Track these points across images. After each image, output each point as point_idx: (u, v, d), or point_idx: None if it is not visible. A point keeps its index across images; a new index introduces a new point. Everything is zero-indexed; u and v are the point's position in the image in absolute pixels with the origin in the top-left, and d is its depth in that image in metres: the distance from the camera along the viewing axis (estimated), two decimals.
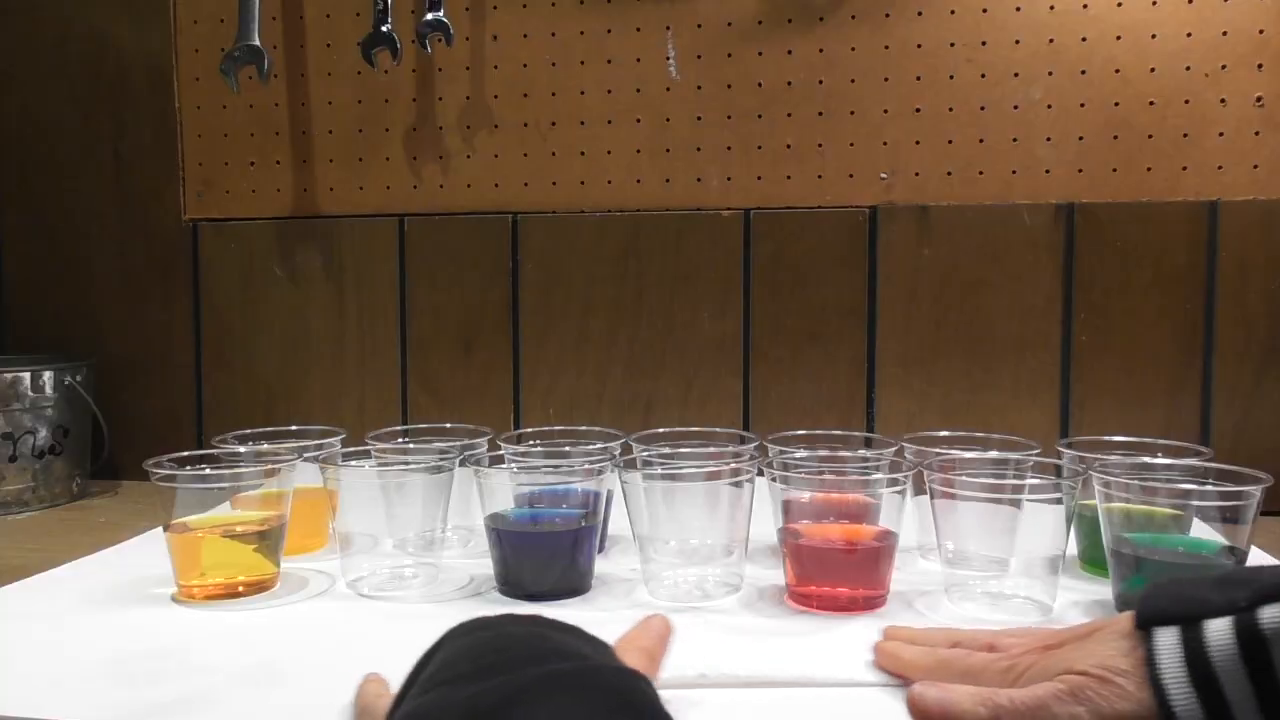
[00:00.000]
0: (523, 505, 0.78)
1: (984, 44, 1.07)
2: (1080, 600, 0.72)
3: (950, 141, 1.08)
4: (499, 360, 1.17)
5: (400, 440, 0.95)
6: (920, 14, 1.07)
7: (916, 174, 1.09)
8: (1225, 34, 1.02)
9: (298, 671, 0.61)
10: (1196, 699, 0.40)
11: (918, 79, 1.08)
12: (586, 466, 0.76)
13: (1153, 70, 1.04)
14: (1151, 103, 1.04)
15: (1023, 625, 0.67)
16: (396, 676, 0.59)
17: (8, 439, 1.05)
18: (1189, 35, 1.03)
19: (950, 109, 1.08)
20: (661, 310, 1.13)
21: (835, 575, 0.71)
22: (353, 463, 0.82)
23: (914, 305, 1.10)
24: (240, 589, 0.75)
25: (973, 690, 0.48)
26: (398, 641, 0.66)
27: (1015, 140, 1.07)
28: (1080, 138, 1.05)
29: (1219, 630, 0.40)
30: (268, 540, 0.77)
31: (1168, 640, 0.41)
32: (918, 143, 1.09)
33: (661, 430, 0.88)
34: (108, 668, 0.62)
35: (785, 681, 0.57)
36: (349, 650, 0.66)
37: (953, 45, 1.07)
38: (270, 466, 0.78)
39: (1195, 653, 0.40)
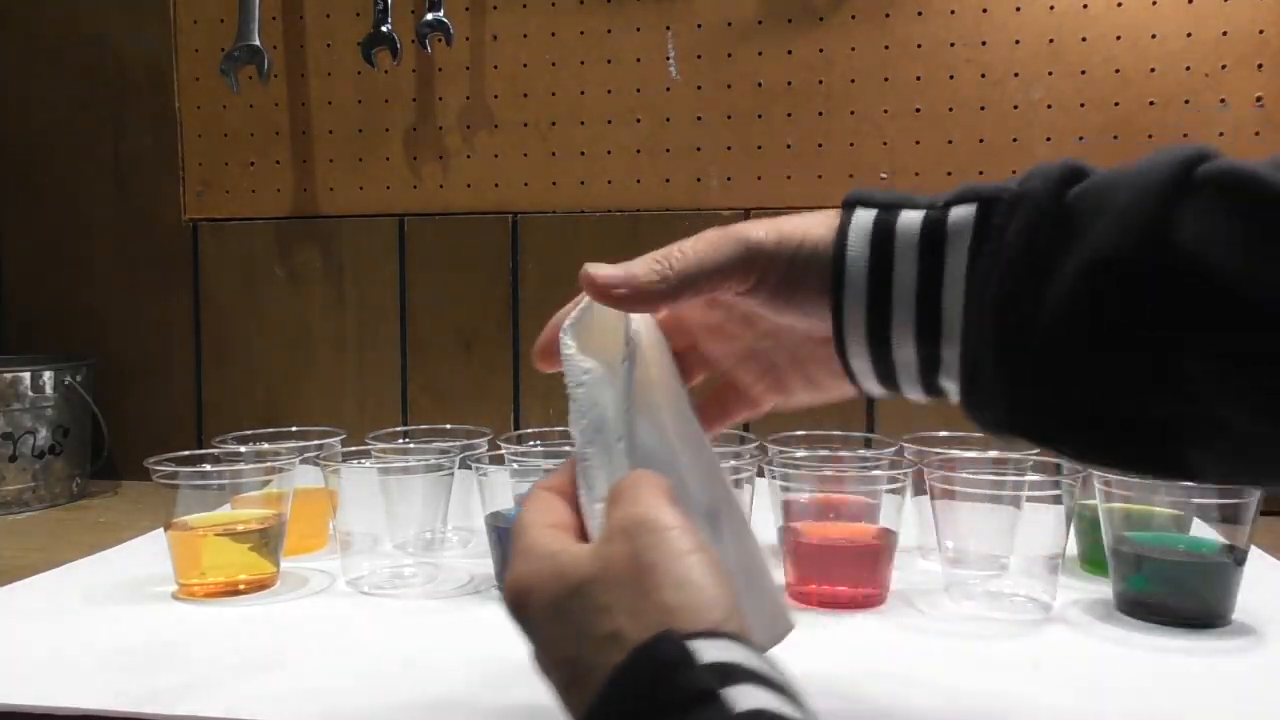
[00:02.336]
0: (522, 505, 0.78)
1: (984, 44, 1.07)
2: (1080, 600, 0.72)
3: (950, 141, 1.08)
4: (499, 360, 1.17)
5: (400, 440, 0.95)
6: (920, 14, 1.07)
7: (916, 174, 1.09)
8: (1225, 34, 1.02)
9: (297, 660, 0.62)
10: (867, 251, 0.43)
11: (918, 79, 1.08)
12: None
13: (1153, 70, 1.04)
14: (1151, 103, 1.04)
15: (1020, 623, 0.68)
16: (396, 670, 0.59)
17: (8, 439, 1.05)
18: (1189, 35, 1.03)
19: (950, 109, 1.08)
20: None
21: (835, 574, 0.71)
22: (353, 462, 0.82)
23: None
24: (240, 588, 0.75)
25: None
26: (397, 632, 0.67)
27: (1015, 140, 1.07)
28: (1080, 138, 1.05)
29: (911, 216, 0.43)
30: (268, 540, 0.77)
31: (865, 215, 0.44)
32: (918, 143, 1.09)
33: None
34: (109, 658, 0.62)
35: None
36: (348, 639, 0.66)
37: (953, 45, 1.07)
38: (270, 466, 0.78)
39: (883, 223, 0.43)
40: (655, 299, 0.47)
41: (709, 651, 0.34)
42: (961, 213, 0.42)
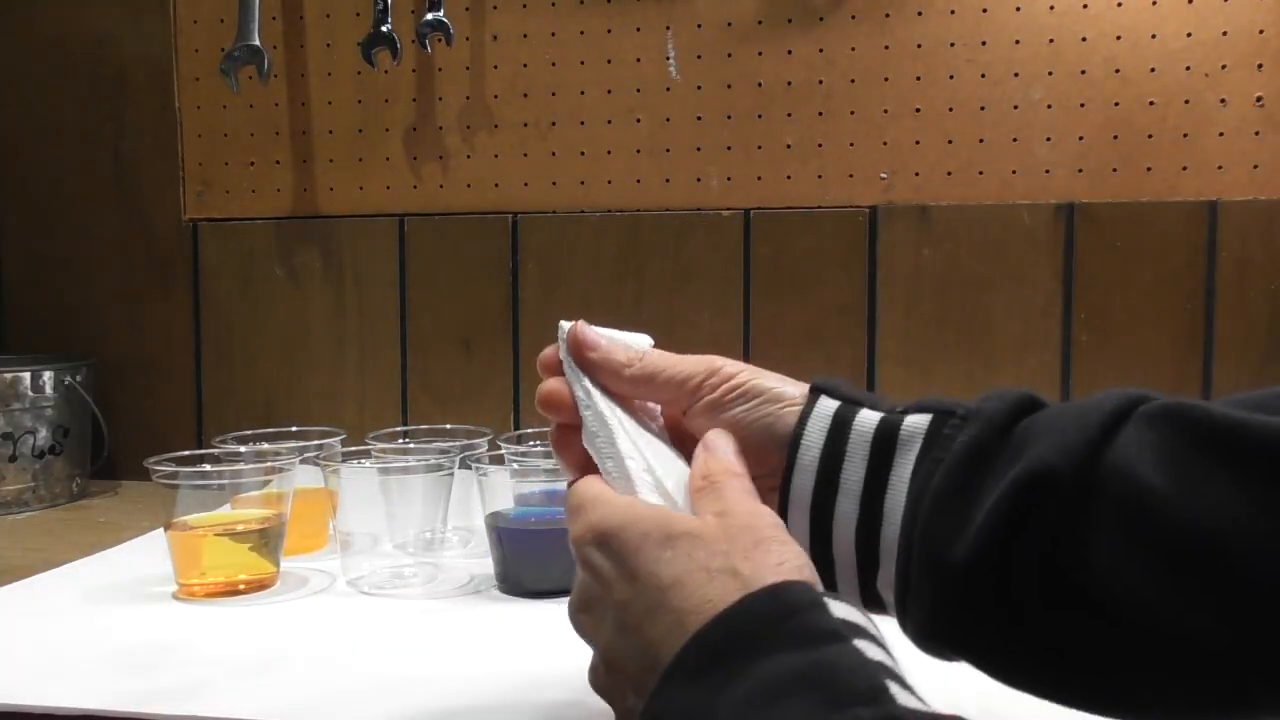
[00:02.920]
0: (523, 505, 0.78)
1: (984, 44, 1.07)
2: None
3: (950, 141, 1.08)
4: (499, 360, 1.17)
5: (400, 440, 0.95)
6: (920, 14, 1.07)
7: (916, 174, 1.09)
8: (1225, 34, 1.02)
9: (297, 660, 0.62)
10: (823, 442, 0.45)
11: (918, 79, 1.08)
12: None
13: (1153, 70, 1.04)
14: (1151, 103, 1.04)
15: None
16: (396, 670, 0.59)
17: (8, 439, 1.05)
18: (1189, 35, 1.03)
19: (950, 109, 1.08)
20: (661, 310, 1.13)
21: None
22: (353, 462, 0.82)
23: (914, 305, 1.10)
24: (241, 588, 0.75)
25: None
26: (397, 632, 0.67)
27: (1015, 140, 1.07)
28: (1080, 138, 1.05)
29: (868, 417, 0.45)
30: (268, 540, 0.77)
31: (827, 403, 0.46)
32: (918, 143, 1.09)
33: None
34: (109, 659, 0.62)
35: None
36: (348, 639, 0.66)
37: (953, 45, 1.07)
38: (270, 466, 0.78)
39: (841, 417, 0.45)
40: (618, 377, 0.49)
41: (838, 608, 0.35)
42: (916, 421, 0.44)
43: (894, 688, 0.31)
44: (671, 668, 0.35)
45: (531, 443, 0.88)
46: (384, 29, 1.10)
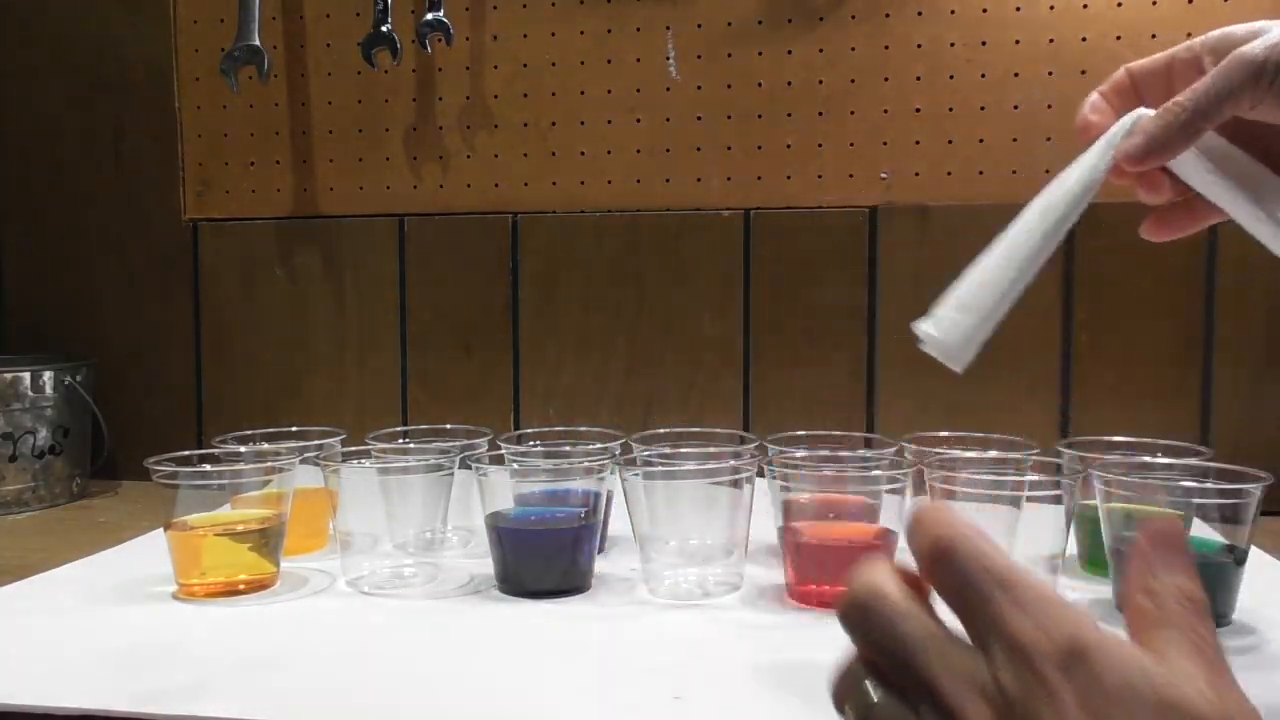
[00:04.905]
0: (522, 505, 0.78)
1: (984, 44, 1.07)
2: (1080, 600, 0.72)
3: (950, 141, 1.08)
4: (499, 360, 1.17)
5: (400, 440, 0.95)
6: (920, 14, 1.07)
7: (916, 174, 1.09)
8: None
9: (297, 660, 0.62)
10: None
11: (918, 79, 1.08)
12: (586, 466, 0.76)
13: None
14: None
15: None
16: (395, 666, 0.59)
17: (8, 439, 1.05)
18: (1189, 35, 1.02)
19: (950, 109, 1.08)
20: (661, 310, 1.13)
21: (835, 574, 0.71)
22: (353, 462, 0.82)
23: (914, 305, 1.09)
24: (240, 588, 0.75)
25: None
26: (397, 632, 0.67)
27: (1015, 140, 1.07)
28: None
29: None
30: (268, 540, 0.77)
31: None
32: (918, 143, 1.09)
33: (661, 430, 0.88)
34: (109, 659, 0.62)
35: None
36: (348, 639, 0.66)
37: (953, 45, 1.07)
38: (270, 466, 0.78)
39: None
40: (1178, 146, 0.53)
41: None
42: None
43: None
44: None
45: (531, 443, 0.88)
46: (384, 29, 1.10)
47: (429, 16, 1.10)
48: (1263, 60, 0.48)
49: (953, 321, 0.56)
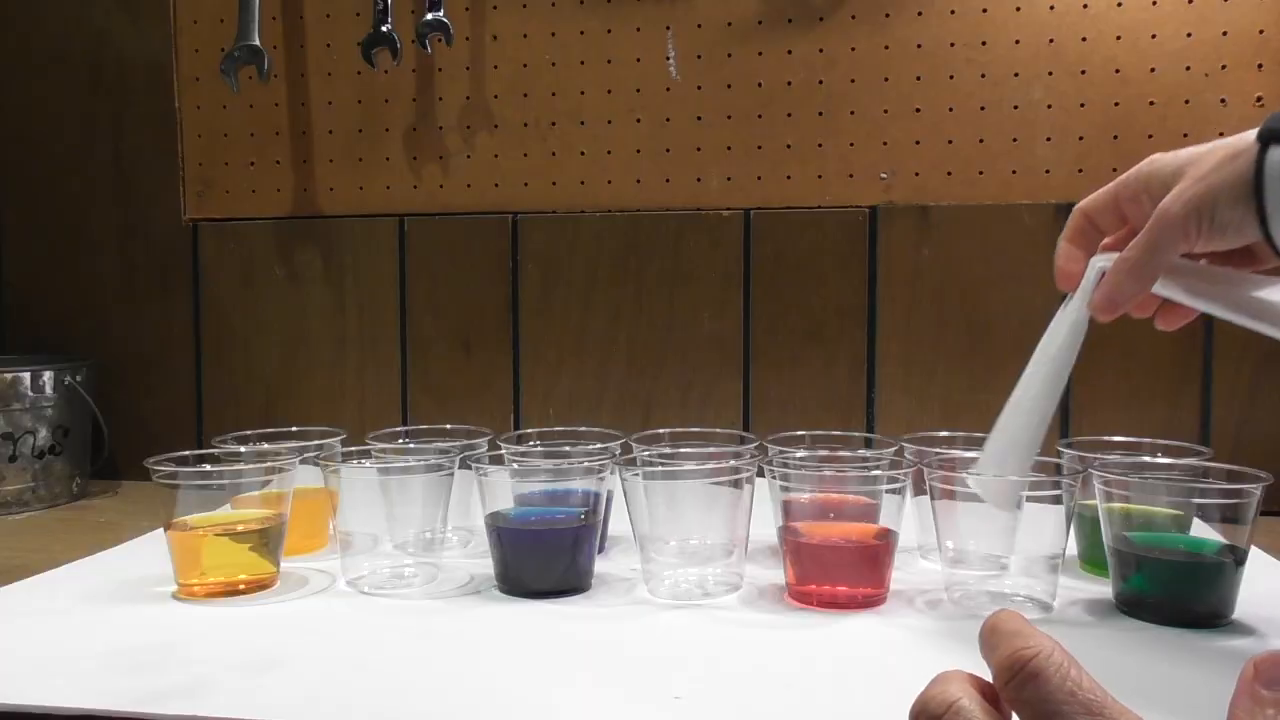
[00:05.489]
0: (522, 505, 0.78)
1: (984, 44, 1.07)
2: (1080, 600, 0.72)
3: (950, 141, 1.08)
4: (499, 360, 1.17)
5: (400, 440, 0.95)
6: (920, 14, 1.07)
7: (916, 174, 1.09)
8: (1225, 34, 1.02)
9: (297, 660, 0.62)
10: None
11: (918, 79, 1.08)
12: (586, 466, 0.76)
13: (1153, 70, 1.04)
14: (1151, 103, 1.04)
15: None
16: (396, 666, 0.59)
17: (8, 439, 1.05)
18: (1189, 35, 1.03)
19: (950, 109, 1.08)
20: (661, 310, 1.13)
21: (835, 574, 0.71)
22: (353, 462, 0.82)
23: (914, 305, 1.10)
24: (240, 588, 0.75)
25: None
26: (397, 632, 0.67)
27: (1015, 140, 1.07)
28: (1080, 138, 1.05)
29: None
30: (268, 540, 0.77)
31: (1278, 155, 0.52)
32: (918, 143, 1.09)
33: (661, 430, 0.88)
34: (109, 659, 0.62)
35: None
36: (348, 639, 0.66)
37: (953, 45, 1.07)
38: (270, 466, 0.78)
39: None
40: (1137, 293, 0.60)
41: None
42: None
43: None
44: None
45: (531, 443, 0.88)
46: (384, 29, 1.10)
47: (429, 16, 1.10)
48: (1183, 219, 0.55)
49: (992, 484, 0.65)
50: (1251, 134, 0.54)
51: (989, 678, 0.36)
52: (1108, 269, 0.60)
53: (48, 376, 1.08)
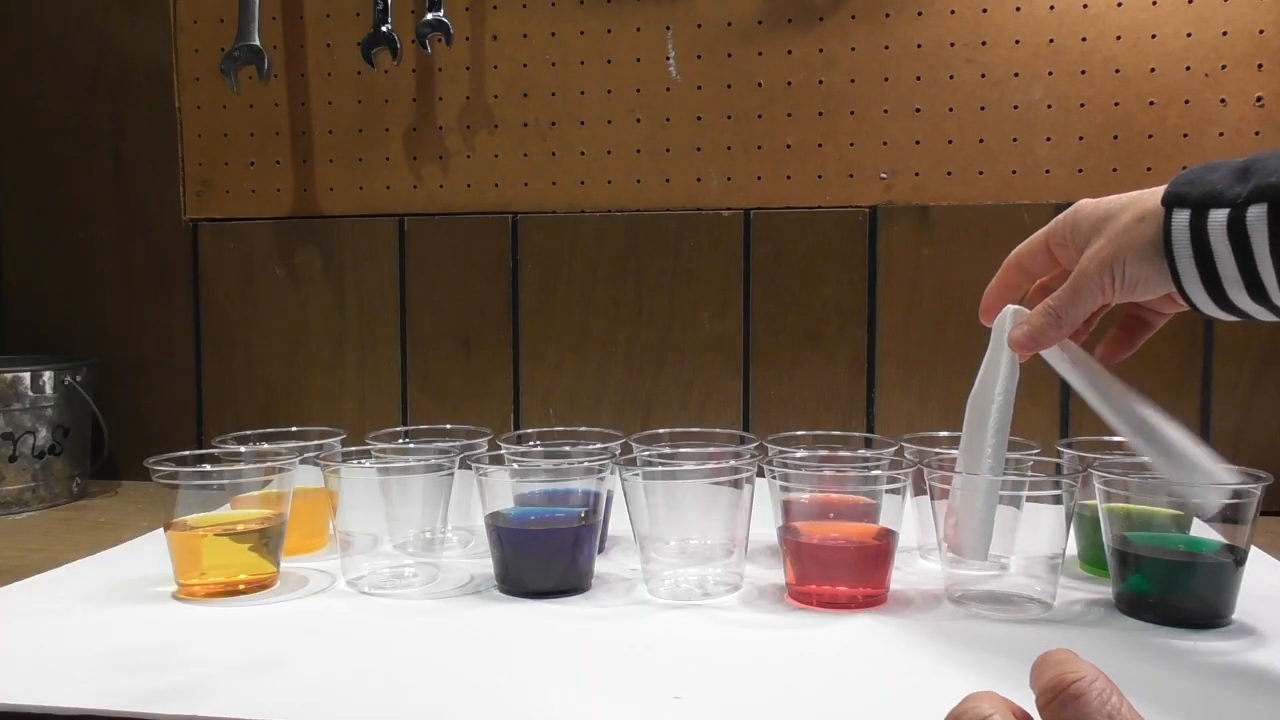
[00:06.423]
0: (522, 505, 0.78)
1: (984, 44, 1.07)
2: (1080, 600, 0.72)
3: (950, 141, 1.08)
4: (499, 360, 1.17)
5: (400, 440, 0.95)
6: (920, 14, 1.07)
7: (916, 174, 1.09)
8: (1225, 34, 1.02)
9: (297, 660, 0.62)
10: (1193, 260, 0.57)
11: (918, 79, 1.08)
12: (586, 466, 0.76)
13: (1153, 70, 1.04)
14: (1151, 103, 1.04)
15: (1022, 623, 0.67)
16: (396, 666, 0.59)
17: (8, 439, 1.05)
18: (1189, 35, 1.03)
19: (950, 109, 1.08)
20: (661, 310, 1.13)
21: (835, 574, 0.71)
22: (353, 462, 0.82)
23: (914, 305, 1.10)
24: (240, 588, 0.75)
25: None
26: (397, 632, 0.67)
27: (1015, 140, 1.07)
28: (1080, 138, 1.05)
29: (1218, 218, 0.55)
30: (268, 540, 0.77)
31: (1180, 219, 0.57)
32: (918, 143, 1.09)
33: (661, 430, 0.88)
34: (109, 659, 0.62)
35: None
36: (348, 639, 0.66)
37: (953, 45, 1.07)
38: (270, 466, 0.78)
39: (1198, 230, 0.57)
40: (1053, 338, 0.66)
41: None
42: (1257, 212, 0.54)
43: None
44: None
45: (531, 443, 0.88)
46: (384, 29, 1.11)
47: (429, 16, 1.10)
48: (1098, 275, 0.61)
49: (964, 537, 0.69)
50: (1158, 195, 0.59)
51: (1007, 694, 0.37)
52: (1020, 312, 0.68)
53: (48, 376, 1.08)
